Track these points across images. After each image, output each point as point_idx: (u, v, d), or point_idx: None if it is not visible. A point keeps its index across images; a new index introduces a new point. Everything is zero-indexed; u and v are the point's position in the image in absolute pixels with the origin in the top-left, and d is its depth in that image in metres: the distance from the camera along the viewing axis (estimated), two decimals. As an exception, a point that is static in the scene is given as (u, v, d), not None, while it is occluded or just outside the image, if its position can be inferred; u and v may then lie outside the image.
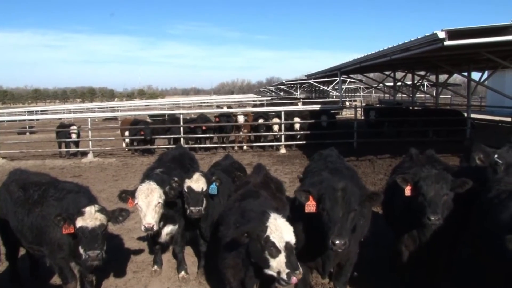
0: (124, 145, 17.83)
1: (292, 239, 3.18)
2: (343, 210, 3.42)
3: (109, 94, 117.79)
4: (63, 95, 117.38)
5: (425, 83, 30.49)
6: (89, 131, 15.96)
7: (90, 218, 3.97)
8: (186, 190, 4.86)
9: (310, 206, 3.54)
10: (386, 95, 38.16)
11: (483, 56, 11.76)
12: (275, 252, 3.13)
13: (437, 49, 9.30)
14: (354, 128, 15.87)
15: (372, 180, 10.04)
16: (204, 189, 4.86)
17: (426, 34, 9.10)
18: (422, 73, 21.94)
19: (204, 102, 50.03)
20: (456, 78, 40.05)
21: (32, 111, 40.83)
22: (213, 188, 5.00)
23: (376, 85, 29.99)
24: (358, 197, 3.54)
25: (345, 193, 3.48)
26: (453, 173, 4.36)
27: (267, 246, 3.15)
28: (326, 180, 3.81)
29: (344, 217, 3.40)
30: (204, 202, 4.86)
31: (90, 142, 15.64)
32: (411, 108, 19.15)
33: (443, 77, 22.29)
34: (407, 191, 4.17)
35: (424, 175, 4.11)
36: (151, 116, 22.52)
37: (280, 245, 3.13)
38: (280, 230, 3.17)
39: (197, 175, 4.88)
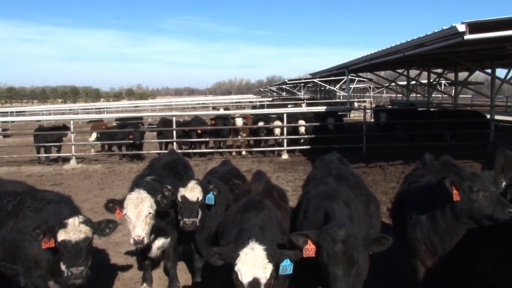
0: (93, 150, 17.98)
1: (259, 278, 3.11)
2: (344, 268, 3.25)
3: (94, 94, 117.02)
4: (42, 95, 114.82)
5: (443, 81, 30.60)
6: (72, 135, 15.90)
7: (74, 230, 3.90)
8: (179, 200, 4.85)
9: (309, 250, 3.39)
10: (398, 95, 38.28)
11: (508, 51, 11.72)
12: (240, 285, 3.14)
13: (457, 44, 9.21)
14: (363, 132, 15.91)
15: (383, 189, 10.06)
16: (199, 199, 4.85)
17: (444, 28, 9.03)
18: (439, 70, 21.97)
19: (199, 103, 50.10)
20: (478, 75, 40.11)
21: (6, 112, 40.74)
22: (210, 198, 4.98)
23: (387, 84, 30.09)
24: (362, 246, 3.37)
25: (346, 247, 3.26)
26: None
27: (234, 276, 3.18)
28: (325, 228, 3.47)
29: (345, 273, 3.26)
30: (200, 213, 4.85)
31: (73, 147, 15.57)
32: (426, 109, 19.17)
33: (463, 75, 22.32)
34: (455, 196, 4.09)
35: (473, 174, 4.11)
36: (118, 119, 22.49)
37: (244, 280, 3.12)
38: (248, 265, 3.14)
39: (192, 183, 4.88)
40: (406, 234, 4.57)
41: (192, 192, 4.83)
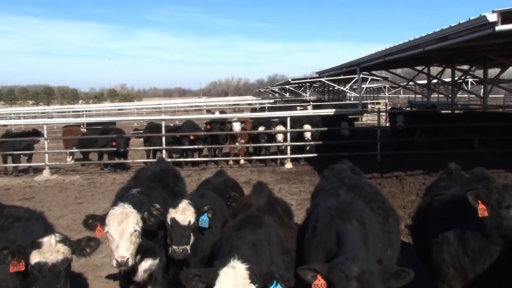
0: (69, 159, 18.02)
1: None
2: None
3: (71, 95, 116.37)
4: (10, 96, 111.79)
5: (469, 80, 30.56)
6: (45, 142, 15.86)
7: (50, 250, 3.78)
8: (169, 223, 4.77)
9: (319, 286, 3.36)
10: (417, 96, 38.32)
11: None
12: None
13: (486, 36, 9.11)
14: (378, 138, 15.91)
15: (401, 203, 10.04)
16: (191, 222, 4.76)
17: (472, 18, 8.90)
18: (465, 67, 21.87)
19: (192, 106, 50.15)
20: (512, 72, 40.05)
21: (-34, 116, 40.62)
22: (204, 221, 4.91)
23: (405, 83, 30.15)
24: (379, 282, 3.30)
25: (361, 285, 3.20)
26: None
27: None
28: (340, 259, 3.46)
29: None
30: (192, 238, 4.78)
31: (46, 156, 15.51)
32: (450, 111, 19.19)
33: (493, 72, 22.22)
34: (481, 211, 4.04)
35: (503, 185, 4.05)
36: (89, 124, 22.60)
37: None
38: (227, 286, 3.14)
39: (183, 204, 4.79)
40: (431, 255, 4.51)
41: (183, 214, 4.74)
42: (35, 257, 3.78)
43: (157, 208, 4.84)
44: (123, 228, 4.60)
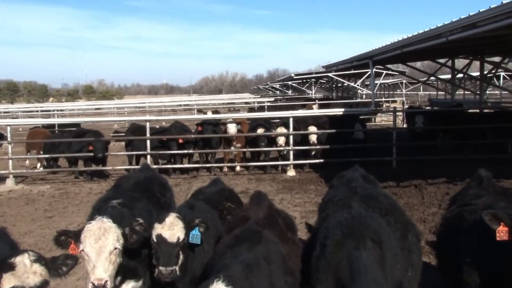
0: (38, 165, 17.97)
1: None
2: None
3: (40, 92, 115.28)
4: None
5: (501, 73, 30.54)
6: (9, 146, 15.76)
7: (26, 272, 3.70)
8: (154, 240, 4.72)
9: None
10: (440, 92, 38.35)
11: None
12: None
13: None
14: (393, 141, 15.91)
15: (420, 215, 10.04)
16: (181, 239, 4.71)
17: (505, 1, 8.84)
18: (496, 59, 21.83)
19: (181, 105, 50.16)
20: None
21: None
22: (195, 236, 4.86)
23: (425, 79, 30.21)
24: None
25: None
26: None
27: None
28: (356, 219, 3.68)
29: None
30: (181, 257, 4.73)
31: (10, 162, 15.44)
32: (478, 110, 19.19)
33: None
34: (502, 233, 4.04)
35: None
36: (62, 126, 22.49)
37: None
38: None
39: (171, 218, 4.74)
40: (461, 277, 4.48)
41: (171, 230, 4.68)
42: (9, 282, 3.64)
43: (140, 222, 4.81)
44: (101, 245, 4.56)
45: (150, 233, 4.76)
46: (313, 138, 16.11)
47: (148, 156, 15.81)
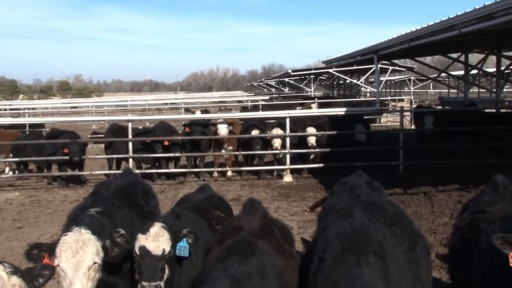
0: (7, 170, 17.88)
1: None
2: None
3: (8, 88, 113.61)
4: None
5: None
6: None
7: (4, 286, 3.70)
8: (137, 252, 4.69)
9: None
10: (452, 90, 38.63)
11: None
12: None
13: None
14: (400, 143, 15.95)
15: (430, 226, 10.06)
16: (166, 252, 4.68)
17: None
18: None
19: (166, 103, 50.14)
20: None
21: None
22: (183, 248, 4.82)
23: (435, 75, 30.17)
24: None
25: None
26: None
27: None
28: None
29: None
30: (166, 271, 4.71)
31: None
32: (494, 110, 19.23)
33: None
34: None
35: None
36: (33, 126, 22.36)
37: None
38: None
39: (156, 229, 4.70)
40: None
41: (156, 241, 4.64)
42: None
43: (122, 234, 4.77)
44: (78, 260, 4.53)
45: (132, 245, 4.72)
46: (312, 140, 16.13)
47: (130, 160, 15.79)
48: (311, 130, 16.21)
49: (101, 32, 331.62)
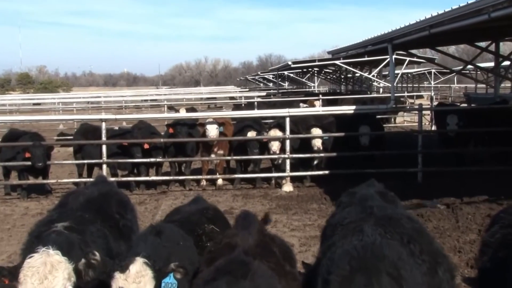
0: None
1: None
2: None
3: None
4: None
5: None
6: None
7: None
8: None
9: None
10: (479, 85, 38.63)
11: None
12: None
13: None
14: (419, 147, 15.98)
15: (454, 244, 10.06)
16: None
17: None
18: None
19: (146, 100, 50.18)
20: None
21: None
22: (169, 285, 4.81)
23: (459, 67, 30.30)
24: None
25: None
26: None
27: None
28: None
29: None
30: None
31: None
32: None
33: None
34: None
35: None
36: None
37: None
38: None
39: (137, 266, 4.61)
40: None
41: (136, 282, 4.57)
42: None
43: (95, 258, 4.73)
44: (47, 287, 4.51)
45: (109, 271, 4.69)
46: (318, 143, 15.97)
47: (104, 166, 15.72)
48: (316, 131, 16.19)
49: (68, 16, 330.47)
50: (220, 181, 16.42)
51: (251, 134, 16.27)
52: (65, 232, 5.09)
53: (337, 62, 34.28)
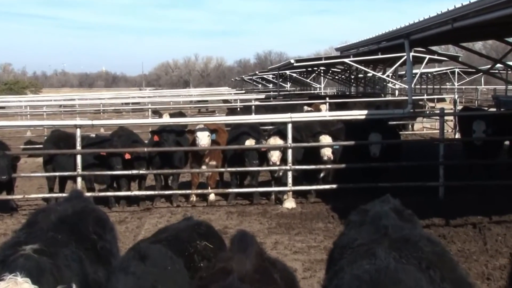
0: None
1: None
2: None
3: None
4: None
5: None
6: None
7: None
8: None
9: None
10: (510, 87, 38.68)
11: None
12: None
13: None
14: (440, 158, 16.00)
15: (482, 269, 10.04)
16: None
17: None
18: None
19: (128, 103, 50.14)
20: None
21: None
22: None
23: (488, 66, 30.40)
24: None
25: None
26: None
27: None
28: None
29: None
30: None
31: None
32: None
33: None
34: None
35: None
36: None
37: None
38: None
39: None
40: None
41: None
42: None
43: None
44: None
45: None
46: (328, 152, 15.87)
47: (79, 179, 15.72)
48: (325, 139, 16.12)
49: (37, 6, 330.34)
50: (212, 197, 16.43)
51: (249, 142, 16.27)
52: (35, 256, 5.09)
53: (346, 60, 34.34)
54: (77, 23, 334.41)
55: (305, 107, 30.63)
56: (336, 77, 53.76)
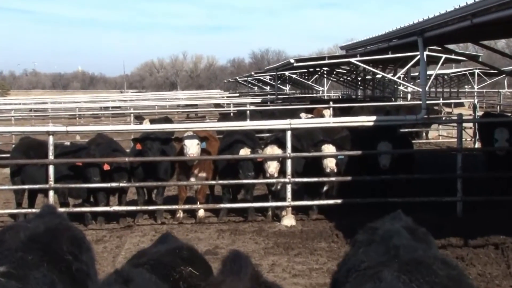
0: None
1: None
2: None
3: None
4: None
5: None
6: None
7: None
8: None
9: None
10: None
11: None
12: None
13: None
14: (458, 170, 16.02)
15: (505, 294, 10.07)
16: None
17: None
18: None
19: (107, 107, 50.22)
20: None
21: None
22: None
23: (511, 67, 30.44)
24: None
25: None
26: None
27: None
28: None
29: None
30: None
31: None
32: None
33: None
34: None
35: None
36: None
37: None
38: None
39: None
40: None
41: None
42: None
43: None
44: None
45: None
46: (331, 163, 15.82)
47: (51, 193, 15.68)
48: (328, 148, 16.12)
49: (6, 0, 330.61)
50: (201, 213, 16.41)
51: (243, 152, 16.26)
52: (2, 280, 5.11)
53: (352, 60, 34.41)
54: (50, 16, 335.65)
55: (302, 114, 30.39)
56: (341, 79, 53.84)
